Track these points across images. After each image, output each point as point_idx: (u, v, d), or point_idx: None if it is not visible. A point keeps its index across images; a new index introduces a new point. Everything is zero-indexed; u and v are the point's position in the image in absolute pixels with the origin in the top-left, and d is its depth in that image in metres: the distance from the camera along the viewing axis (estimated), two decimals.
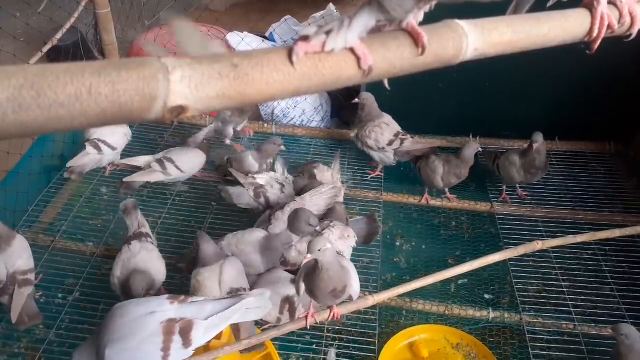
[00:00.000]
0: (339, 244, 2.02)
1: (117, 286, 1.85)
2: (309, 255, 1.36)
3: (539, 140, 2.33)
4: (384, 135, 2.54)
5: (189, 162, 2.51)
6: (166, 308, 1.44)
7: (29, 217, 2.36)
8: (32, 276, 1.87)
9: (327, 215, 2.12)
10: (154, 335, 1.40)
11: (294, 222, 1.96)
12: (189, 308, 1.46)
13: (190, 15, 4.38)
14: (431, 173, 2.43)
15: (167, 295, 1.54)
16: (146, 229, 2.03)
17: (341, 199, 2.23)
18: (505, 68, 2.51)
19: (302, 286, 1.48)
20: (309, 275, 1.44)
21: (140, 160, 2.53)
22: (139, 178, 2.46)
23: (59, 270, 2.11)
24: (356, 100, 2.61)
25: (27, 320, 1.82)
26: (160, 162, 2.46)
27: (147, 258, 1.89)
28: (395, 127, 2.60)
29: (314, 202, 2.14)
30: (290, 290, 1.82)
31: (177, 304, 1.46)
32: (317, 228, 1.96)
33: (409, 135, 2.57)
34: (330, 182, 2.28)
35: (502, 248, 2.19)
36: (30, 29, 3.28)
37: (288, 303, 1.80)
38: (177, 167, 2.46)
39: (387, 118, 2.62)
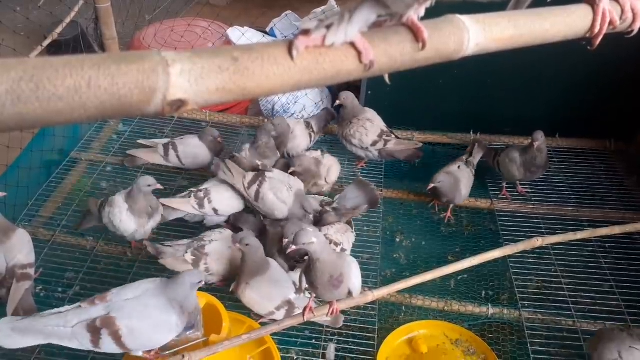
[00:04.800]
0: (337, 236, 2.02)
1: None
2: (292, 247, 1.41)
3: (539, 138, 2.32)
4: (368, 137, 2.54)
5: (191, 154, 2.49)
6: None
7: (29, 211, 2.36)
8: (31, 271, 1.85)
9: (319, 223, 2.11)
10: None
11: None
12: None
13: (191, 10, 4.38)
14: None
15: None
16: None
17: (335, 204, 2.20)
18: (506, 64, 2.51)
19: (303, 280, 1.50)
20: (308, 269, 1.46)
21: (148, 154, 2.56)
22: (140, 155, 2.54)
23: (59, 265, 2.11)
24: (337, 102, 2.60)
25: (23, 314, 1.79)
26: (165, 147, 2.49)
27: None
28: (379, 123, 2.59)
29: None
30: (291, 293, 1.83)
31: None
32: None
33: (393, 136, 2.57)
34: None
35: (501, 245, 2.19)
36: (30, 23, 3.27)
37: (288, 305, 1.81)
38: (178, 156, 2.48)
39: (370, 113, 2.61)
